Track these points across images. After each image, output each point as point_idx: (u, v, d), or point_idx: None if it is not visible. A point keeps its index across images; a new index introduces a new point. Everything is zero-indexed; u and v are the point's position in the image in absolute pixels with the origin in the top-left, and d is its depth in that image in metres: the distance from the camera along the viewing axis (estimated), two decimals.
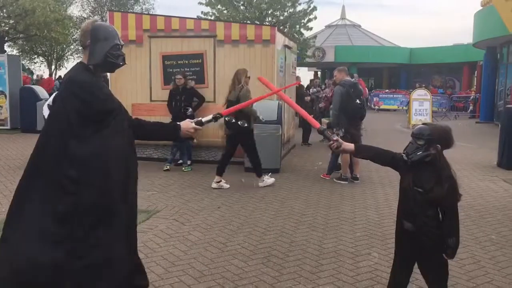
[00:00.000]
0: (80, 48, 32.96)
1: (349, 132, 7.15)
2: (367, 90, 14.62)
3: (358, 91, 7.40)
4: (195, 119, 3.12)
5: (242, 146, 7.31)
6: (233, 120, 6.12)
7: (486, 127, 16.80)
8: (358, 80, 13.85)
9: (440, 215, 2.78)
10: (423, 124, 2.90)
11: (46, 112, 8.76)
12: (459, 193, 2.77)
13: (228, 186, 7.05)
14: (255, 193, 6.74)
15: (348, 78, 7.59)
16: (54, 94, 9.01)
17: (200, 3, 19.56)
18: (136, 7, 32.66)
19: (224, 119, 6.09)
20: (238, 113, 6.27)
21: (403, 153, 2.81)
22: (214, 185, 6.99)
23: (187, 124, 3.02)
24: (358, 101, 7.34)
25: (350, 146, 2.96)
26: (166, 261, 4.15)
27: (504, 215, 5.76)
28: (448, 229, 2.75)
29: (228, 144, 7.23)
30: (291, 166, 8.93)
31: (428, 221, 2.76)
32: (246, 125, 6.50)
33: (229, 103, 6.88)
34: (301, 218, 5.55)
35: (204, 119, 3.08)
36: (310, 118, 3.23)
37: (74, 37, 31.85)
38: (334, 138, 2.90)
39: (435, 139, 2.72)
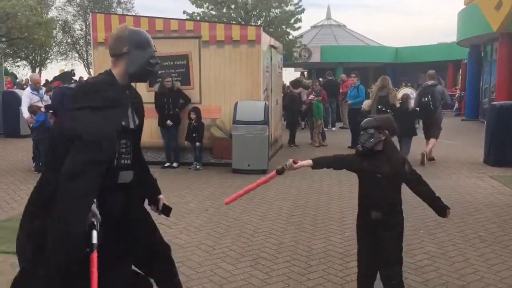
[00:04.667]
0: (63, 50, 32.69)
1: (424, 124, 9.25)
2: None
3: (428, 92, 9.11)
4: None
5: None
6: (384, 109, 8.78)
7: (471, 125, 16.93)
8: (348, 80, 13.89)
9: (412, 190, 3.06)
10: (368, 117, 3.16)
11: (26, 114, 8.56)
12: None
13: None
14: None
15: (428, 82, 9.33)
16: (26, 94, 8.82)
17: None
18: (118, 9, 32.40)
19: (377, 107, 9.01)
20: (385, 104, 8.94)
21: (358, 145, 3.05)
22: None
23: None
24: (425, 99, 9.06)
25: (308, 161, 3.09)
26: None
27: (492, 212, 5.76)
28: (430, 194, 3.03)
29: None
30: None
31: (394, 206, 2.99)
32: (391, 113, 8.42)
33: (380, 98, 9.09)
34: (289, 219, 5.50)
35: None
36: (264, 180, 3.18)
37: (58, 40, 31.51)
38: (287, 163, 3.03)
39: (382, 126, 3.00)
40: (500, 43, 16.10)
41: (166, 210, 2.78)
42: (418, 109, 9.23)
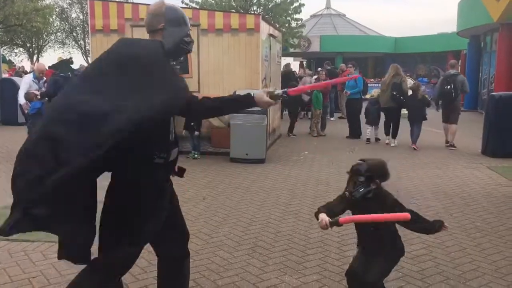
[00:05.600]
0: (60, 39, 32.44)
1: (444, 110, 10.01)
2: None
3: (451, 80, 9.69)
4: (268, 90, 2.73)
5: (393, 115, 10.05)
6: (398, 95, 9.76)
7: (470, 115, 16.91)
8: (346, 70, 13.84)
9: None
10: (360, 160, 2.92)
11: (22, 100, 8.49)
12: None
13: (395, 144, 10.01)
14: (240, 184, 6.68)
15: (451, 71, 9.93)
16: (27, 81, 8.76)
17: None
18: None
19: (392, 93, 9.84)
20: (399, 91, 9.84)
21: (346, 192, 2.87)
22: (392, 144, 10.04)
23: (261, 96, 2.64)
24: (448, 87, 9.64)
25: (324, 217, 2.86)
26: (150, 253, 4.06)
27: (489, 202, 5.78)
28: (426, 228, 2.89)
29: (395, 116, 10.09)
30: (276, 156, 8.88)
31: (390, 242, 2.90)
32: (404, 100, 9.85)
33: (394, 85, 9.87)
34: (287, 208, 5.51)
35: (276, 92, 2.74)
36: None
37: (56, 28, 31.26)
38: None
39: (373, 175, 2.80)
40: (500, 34, 16.05)
41: (180, 172, 2.85)
42: (427, 97, 10.24)
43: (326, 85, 10.40)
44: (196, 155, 8.47)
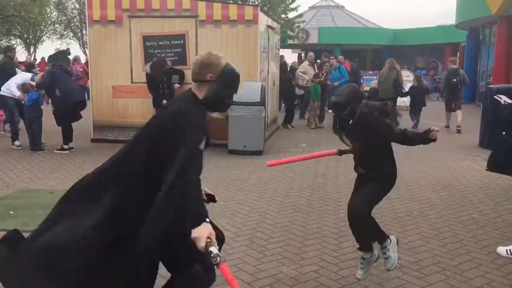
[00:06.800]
0: (58, 30, 32.22)
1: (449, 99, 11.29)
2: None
3: (455, 74, 11.10)
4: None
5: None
6: (399, 89, 10.86)
7: (468, 108, 16.89)
8: (344, 63, 13.87)
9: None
10: (333, 97, 3.18)
11: (17, 92, 8.39)
12: (391, 125, 3.11)
13: None
14: (238, 175, 6.69)
15: (453, 66, 11.60)
16: (22, 74, 8.68)
17: None
18: None
19: (398, 90, 10.92)
20: (399, 84, 11.03)
21: (337, 126, 3.13)
22: None
23: None
24: (454, 80, 10.99)
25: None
26: None
27: (486, 194, 5.81)
28: (414, 141, 3.26)
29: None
30: (274, 148, 8.89)
31: (378, 164, 3.20)
32: (404, 90, 11.54)
33: (395, 81, 10.90)
34: (285, 200, 5.53)
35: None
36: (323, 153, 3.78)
37: (53, 19, 31.05)
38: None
39: (352, 101, 3.00)
40: (499, 26, 16.02)
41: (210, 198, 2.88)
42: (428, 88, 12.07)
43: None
44: None
